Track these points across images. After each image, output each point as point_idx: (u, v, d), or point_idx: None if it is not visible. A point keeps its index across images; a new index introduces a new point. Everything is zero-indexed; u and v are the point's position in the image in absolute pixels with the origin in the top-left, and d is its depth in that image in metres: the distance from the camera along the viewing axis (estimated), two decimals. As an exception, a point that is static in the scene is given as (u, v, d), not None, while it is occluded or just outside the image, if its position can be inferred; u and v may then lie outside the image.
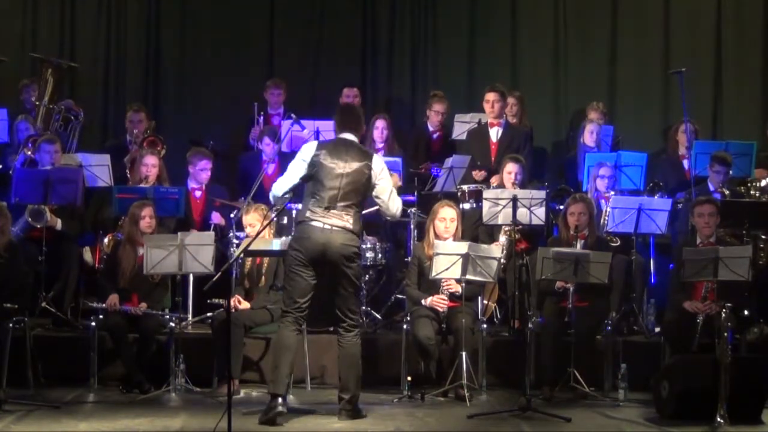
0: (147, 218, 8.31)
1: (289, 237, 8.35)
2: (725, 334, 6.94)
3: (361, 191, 7.02)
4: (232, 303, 7.50)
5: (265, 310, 8.12)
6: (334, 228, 6.88)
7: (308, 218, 6.91)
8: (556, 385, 7.77)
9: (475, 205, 9.01)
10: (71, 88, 11.32)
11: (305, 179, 6.96)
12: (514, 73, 11.61)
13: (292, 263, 6.96)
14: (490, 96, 9.67)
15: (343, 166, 6.95)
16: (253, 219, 8.22)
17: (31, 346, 8.00)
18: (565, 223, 8.25)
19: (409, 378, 7.87)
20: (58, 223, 8.88)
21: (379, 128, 10.21)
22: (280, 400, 6.84)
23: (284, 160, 9.80)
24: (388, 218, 7.50)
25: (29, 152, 9.40)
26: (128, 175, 9.70)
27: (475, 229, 8.97)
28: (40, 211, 8.73)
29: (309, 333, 8.19)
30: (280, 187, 7.05)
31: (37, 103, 10.23)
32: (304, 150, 7.08)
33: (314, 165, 6.95)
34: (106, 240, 8.92)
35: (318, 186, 6.93)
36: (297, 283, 6.96)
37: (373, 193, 7.13)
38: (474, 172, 9.49)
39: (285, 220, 8.76)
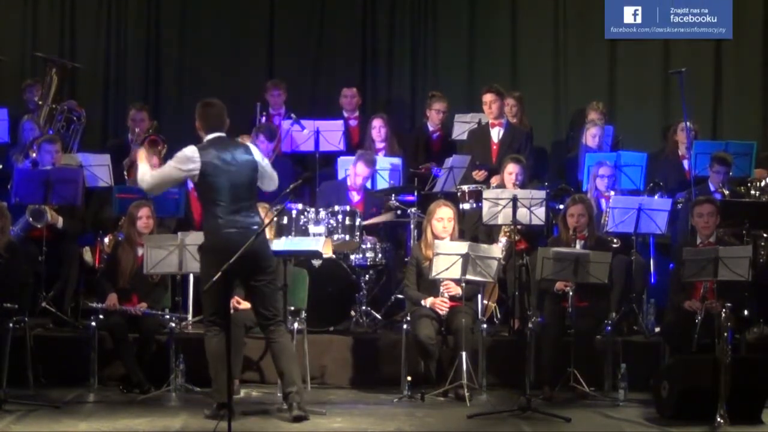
0: (144, 218, 8.31)
1: (289, 238, 8.39)
2: (725, 334, 6.94)
3: (254, 183, 6.97)
4: (232, 303, 7.49)
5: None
6: (249, 230, 6.75)
7: (222, 228, 6.75)
8: (556, 385, 7.77)
9: (475, 205, 9.00)
10: (72, 88, 11.33)
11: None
12: (514, 73, 11.61)
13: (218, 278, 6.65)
14: (487, 97, 9.65)
15: (235, 163, 6.86)
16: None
17: (31, 346, 7.99)
18: (564, 223, 8.25)
19: (409, 378, 7.86)
20: (60, 221, 8.87)
21: (377, 127, 10.21)
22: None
23: (281, 159, 9.82)
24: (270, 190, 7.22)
25: (33, 153, 9.39)
26: (126, 178, 9.68)
27: (475, 229, 8.97)
28: (40, 211, 8.72)
29: (309, 333, 8.20)
30: (152, 183, 6.85)
31: (41, 103, 10.22)
32: (187, 156, 6.85)
33: (206, 170, 6.80)
34: (107, 240, 8.91)
35: (215, 191, 6.80)
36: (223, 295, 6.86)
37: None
38: (474, 173, 9.49)
39: (285, 220, 8.75)
